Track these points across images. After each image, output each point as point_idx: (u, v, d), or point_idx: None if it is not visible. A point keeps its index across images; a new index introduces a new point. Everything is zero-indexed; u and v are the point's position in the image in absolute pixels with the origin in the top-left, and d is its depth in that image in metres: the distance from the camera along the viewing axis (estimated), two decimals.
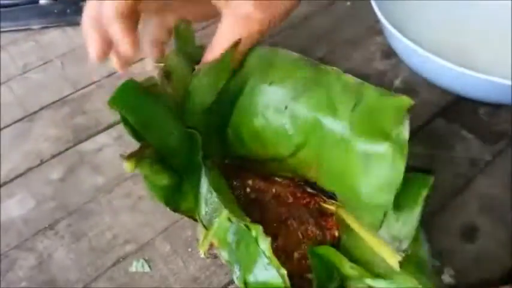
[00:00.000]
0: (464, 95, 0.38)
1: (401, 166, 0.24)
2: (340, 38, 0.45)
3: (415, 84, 0.40)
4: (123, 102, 0.26)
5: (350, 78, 0.28)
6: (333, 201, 0.30)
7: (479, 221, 0.32)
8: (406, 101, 0.25)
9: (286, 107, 0.29)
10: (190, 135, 0.28)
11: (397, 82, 0.40)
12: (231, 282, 0.30)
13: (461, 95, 0.38)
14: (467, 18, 0.45)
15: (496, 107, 0.38)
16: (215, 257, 0.29)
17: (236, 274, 0.26)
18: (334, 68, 0.29)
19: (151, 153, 0.26)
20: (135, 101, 0.26)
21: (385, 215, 0.25)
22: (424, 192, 0.25)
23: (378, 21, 0.45)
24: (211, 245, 0.28)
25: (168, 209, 0.28)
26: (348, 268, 0.26)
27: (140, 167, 0.25)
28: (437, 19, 0.45)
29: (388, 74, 0.41)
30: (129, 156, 0.24)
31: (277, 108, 0.29)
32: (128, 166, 0.24)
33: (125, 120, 0.26)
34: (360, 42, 0.45)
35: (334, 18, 0.47)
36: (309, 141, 0.29)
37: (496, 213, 0.32)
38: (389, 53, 0.43)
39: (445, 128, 0.37)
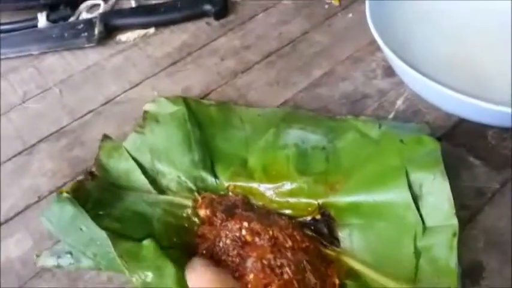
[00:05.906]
0: (469, 119, 0.36)
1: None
2: (340, 54, 0.43)
3: (419, 105, 0.38)
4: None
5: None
6: (334, 248, 0.30)
7: (486, 259, 0.30)
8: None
9: (324, 147, 0.34)
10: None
11: (399, 102, 0.38)
12: None
13: (466, 119, 0.36)
14: (467, 29, 0.42)
15: (505, 129, 0.36)
16: None
17: None
18: (349, 116, 0.36)
19: None
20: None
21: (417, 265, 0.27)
22: (456, 239, 0.27)
23: None
24: None
25: None
26: None
27: None
28: (436, 34, 0.42)
29: (390, 93, 0.39)
30: None
31: (315, 146, 0.34)
32: None
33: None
34: (361, 58, 0.43)
35: (334, 33, 0.45)
36: (343, 155, 0.33)
37: (504, 250, 0.30)
38: (391, 70, 0.41)
39: (450, 153, 0.34)
